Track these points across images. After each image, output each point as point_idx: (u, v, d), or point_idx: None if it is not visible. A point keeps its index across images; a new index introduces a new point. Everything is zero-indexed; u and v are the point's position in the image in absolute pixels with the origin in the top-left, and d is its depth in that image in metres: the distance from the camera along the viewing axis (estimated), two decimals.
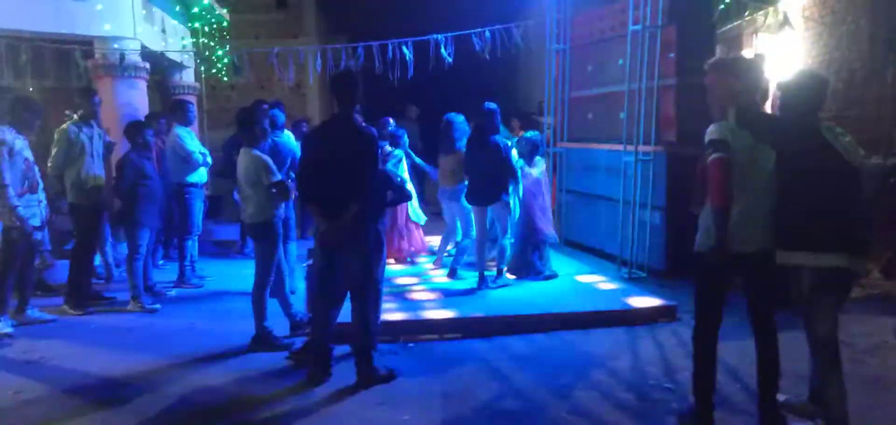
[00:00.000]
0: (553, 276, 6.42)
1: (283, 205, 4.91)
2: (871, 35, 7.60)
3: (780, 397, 3.45)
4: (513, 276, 6.33)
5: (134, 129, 5.96)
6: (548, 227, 6.52)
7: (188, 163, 6.65)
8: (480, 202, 5.98)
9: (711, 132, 3.15)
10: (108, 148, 6.17)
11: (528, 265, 6.40)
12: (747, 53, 8.82)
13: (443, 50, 8.01)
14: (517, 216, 6.18)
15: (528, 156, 6.48)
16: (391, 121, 7.39)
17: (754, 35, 9.13)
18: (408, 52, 8.10)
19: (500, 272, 6.12)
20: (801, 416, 3.42)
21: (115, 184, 5.86)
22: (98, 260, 6.68)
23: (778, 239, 3.18)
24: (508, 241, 6.16)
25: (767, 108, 6.50)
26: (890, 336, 4.67)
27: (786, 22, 8.45)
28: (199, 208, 6.75)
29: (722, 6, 8.35)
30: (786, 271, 3.45)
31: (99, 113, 6.14)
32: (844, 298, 3.19)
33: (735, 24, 9.08)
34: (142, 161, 5.82)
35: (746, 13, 8.82)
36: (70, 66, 7.77)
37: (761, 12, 8.68)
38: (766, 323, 3.30)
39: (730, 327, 3.43)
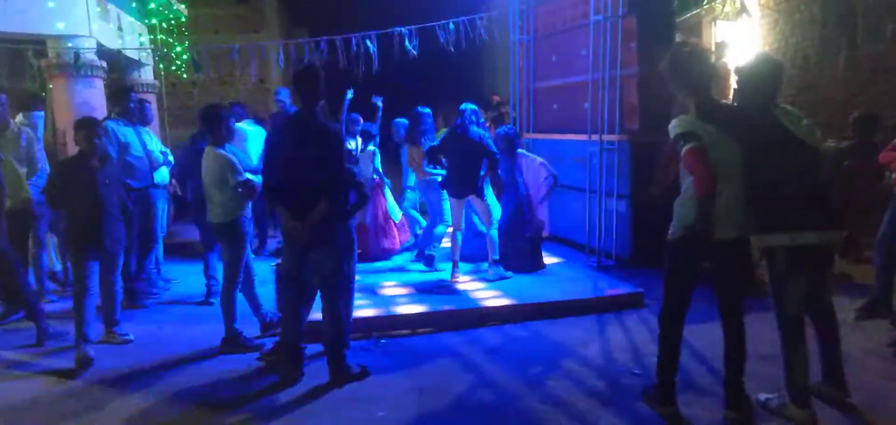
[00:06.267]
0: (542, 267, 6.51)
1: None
2: (823, 22, 7.84)
3: (761, 396, 3.53)
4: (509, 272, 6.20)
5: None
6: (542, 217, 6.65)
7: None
8: (458, 194, 6.03)
9: (677, 126, 3.19)
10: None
11: (526, 257, 6.41)
12: (706, 41, 9.00)
13: (407, 43, 7.97)
14: (498, 208, 6.21)
15: (507, 151, 6.47)
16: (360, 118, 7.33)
17: (713, 23, 9.33)
18: (371, 46, 8.04)
19: (495, 262, 6.05)
20: (781, 416, 3.45)
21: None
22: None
23: (752, 224, 3.25)
24: (494, 232, 6.09)
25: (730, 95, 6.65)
26: (849, 315, 4.83)
27: (743, 9, 8.65)
28: (162, 209, 6.60)
29: None
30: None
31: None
32: (828, 272, 3.31)
33: (694, 12, 9.26)
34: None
35: (705, 1, 9.01)
36: (23, 66, 7.52)
37: (719, 0, 8.87)
38: (735, 307, 3.38)
39: (694, 312, 3.50)
